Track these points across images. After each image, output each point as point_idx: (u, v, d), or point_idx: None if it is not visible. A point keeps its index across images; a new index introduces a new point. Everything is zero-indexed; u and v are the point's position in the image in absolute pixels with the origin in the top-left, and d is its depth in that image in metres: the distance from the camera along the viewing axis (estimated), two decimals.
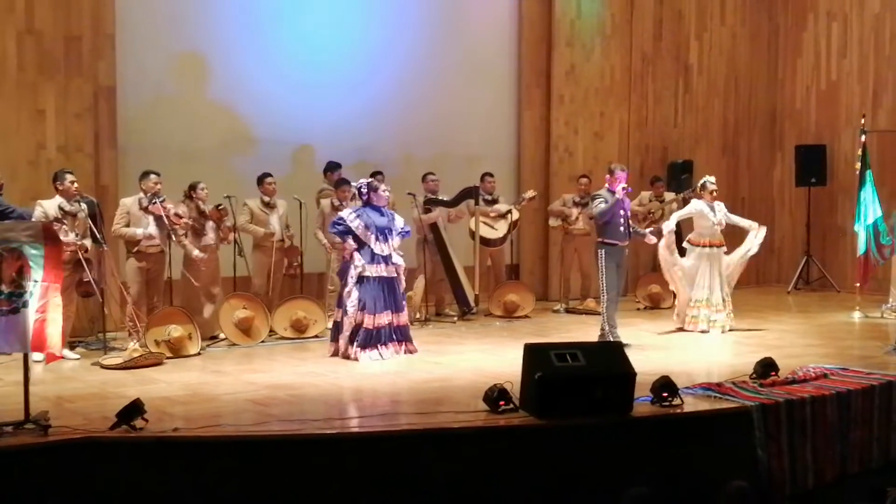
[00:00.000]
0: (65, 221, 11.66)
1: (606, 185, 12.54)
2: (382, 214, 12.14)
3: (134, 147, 14.10)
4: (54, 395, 9.72)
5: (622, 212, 12.45)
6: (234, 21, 15.13)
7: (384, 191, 12.25)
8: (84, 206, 12.02)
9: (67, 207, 11.82)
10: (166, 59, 14.53)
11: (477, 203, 15.21)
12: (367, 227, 11.91)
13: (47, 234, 8.54)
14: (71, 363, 11.63)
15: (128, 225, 12.47)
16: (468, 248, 15.06)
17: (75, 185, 11.95)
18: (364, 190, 12.17)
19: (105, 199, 13.26)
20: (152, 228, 12.49)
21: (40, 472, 7.82)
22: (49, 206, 11.76)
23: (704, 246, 13.62)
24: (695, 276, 13.58)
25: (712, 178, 13.88)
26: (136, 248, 12.52)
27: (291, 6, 15.50)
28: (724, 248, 13.75)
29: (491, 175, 15.76)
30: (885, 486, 7.92)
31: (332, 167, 14.73)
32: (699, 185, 14.00)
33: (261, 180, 13.82)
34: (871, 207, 14.96)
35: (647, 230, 13.45)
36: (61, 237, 9.75)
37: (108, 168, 13.88)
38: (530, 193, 15.83)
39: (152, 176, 12.55)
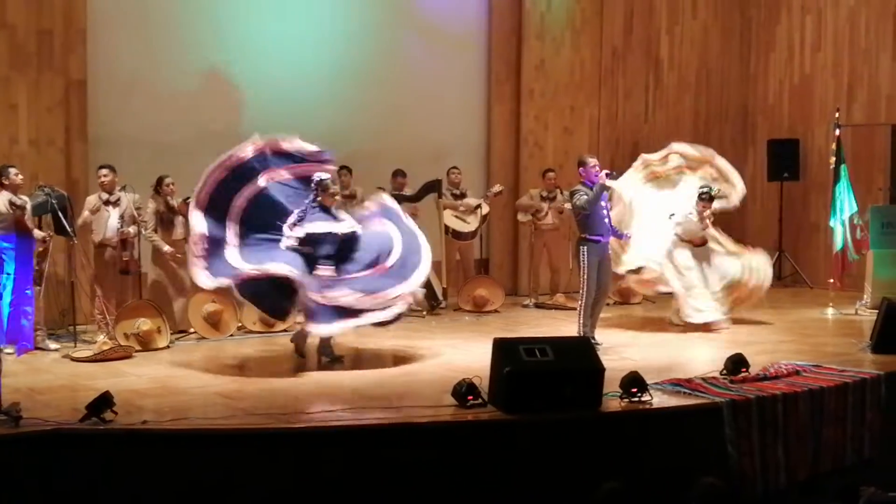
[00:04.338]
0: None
1: (582, 179, 12.14)
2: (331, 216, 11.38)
3: (105, 140, 14.05)
4: (26, 386, 9.74)
5: (603, 203, 12.04)
6: (206, 15, 15.11)
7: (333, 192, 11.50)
8: (26, 199, 11.85)
9: (18, 202, 11.67)
10: (137, 52, 14.46)
11: (440, 196, 15.25)
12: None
13: (18, 227, 8.55)
14: (47, 355, 11.68)
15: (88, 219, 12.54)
16: (436, 243, 14.99)
17: (20, 176, 11.73)
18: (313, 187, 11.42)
19: (76, 192, 13.19)
20: (114, 222, 12.50)
21: (11, 463, 7.85)
22: None
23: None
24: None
25: None
26: (99, 241, 12.59)
27: (261, 2, 15.48)
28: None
29: (457, 168, 15.79)
30: (859, 485, 7.92)
31: None
32: None
33: None
34: (846, 203, 15.01)
35: (627, 232, 12.95)
36: None
37: (78, 161, 13.85)
38: (497, 188, 15.79)
39: (102, 170, 12.62)
